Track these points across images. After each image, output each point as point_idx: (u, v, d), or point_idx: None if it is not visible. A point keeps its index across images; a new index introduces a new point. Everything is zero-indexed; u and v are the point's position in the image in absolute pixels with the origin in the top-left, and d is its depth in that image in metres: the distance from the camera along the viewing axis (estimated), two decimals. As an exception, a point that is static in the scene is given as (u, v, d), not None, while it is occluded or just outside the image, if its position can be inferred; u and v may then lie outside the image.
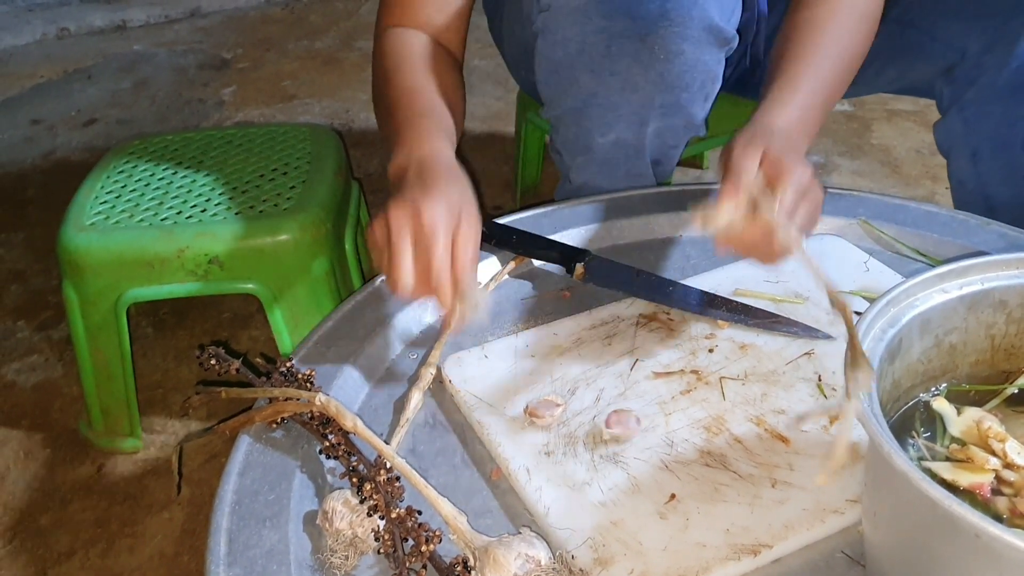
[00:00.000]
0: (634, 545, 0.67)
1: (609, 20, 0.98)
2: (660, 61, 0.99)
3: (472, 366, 0.86)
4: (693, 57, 1.00)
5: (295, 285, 1.18)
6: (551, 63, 1.05)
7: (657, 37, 0.97)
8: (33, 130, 2.35)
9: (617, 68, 1.00)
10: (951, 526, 0.50)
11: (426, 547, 0.67)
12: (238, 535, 0.71)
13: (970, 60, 1.15)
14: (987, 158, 1.18)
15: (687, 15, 0.97)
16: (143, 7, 3.07)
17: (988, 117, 1.15)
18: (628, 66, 1.00)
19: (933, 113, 1.26)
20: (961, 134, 1.20)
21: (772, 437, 0.76)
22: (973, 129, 1.17)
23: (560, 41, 1.02)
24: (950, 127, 1.21)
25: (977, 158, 1.18)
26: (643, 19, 0.97)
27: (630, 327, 0.90)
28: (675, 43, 0.98)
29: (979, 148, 1.18)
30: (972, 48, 1.15)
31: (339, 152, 1.37)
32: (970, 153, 1.19)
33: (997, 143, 1.16)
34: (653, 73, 1.00)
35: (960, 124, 1.19)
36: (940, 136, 1.24)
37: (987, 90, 1.14)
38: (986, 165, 1.18)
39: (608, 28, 0.98)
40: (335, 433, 0.76)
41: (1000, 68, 1.12)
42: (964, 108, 1.18)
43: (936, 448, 0.65)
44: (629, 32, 0.97)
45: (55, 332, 1.58)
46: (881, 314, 0.63)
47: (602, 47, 0.99)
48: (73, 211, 1.21)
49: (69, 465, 1.31)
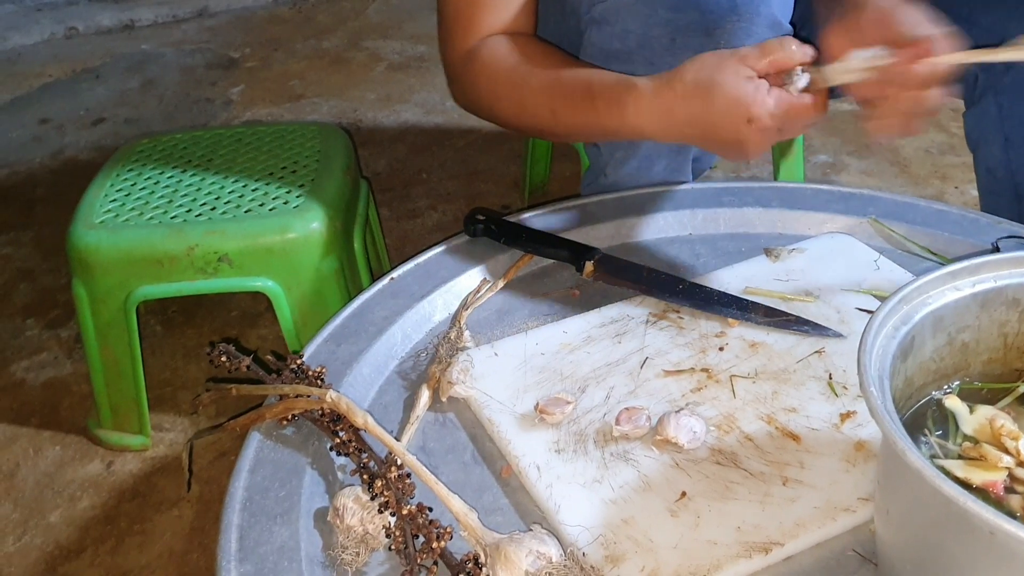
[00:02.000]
0: (645, 543, 0.67)
1: (676, 12, 0.97)
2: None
3: (482, 364, 0.86)
4: None
5: (304, 283, 1.19)
6: (605, 54, 1.04)
7: (724, 32, 0.97)
8: (41, 129, 2.36)
9: (677, 62, 1.00)
10: (965, 523, 0.49)
11: (437, 544, 0.67)
12: (249, 532, 0.71)
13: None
14: (1020, 144, 1.17)
15: (755, 11, 0.96)
16: (151, 7, 3.08)
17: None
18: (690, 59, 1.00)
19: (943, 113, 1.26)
20: (995, 120, 1.19)
21: (783, 435, 0.76)
22: (1008, 115, 1.17)
23: (619, 33, 1.01)
24: (983, 113, 1.21)
25: (1009, 144, 1.18)
26: (712, 13, 0.96)
27: (640, 325, 0.90)
28: (740, 38, 0.97)
29: (1012, 134, 1.17)
30: (1012, 34, 1.15)
31: (348, 150, 1.37)
32: (1003, 139, 1.19)
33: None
34: None
35: (995, 110, 1.19)
36: (971, 124, 1.23)
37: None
38: (1017, 151, 1.17)
39: (674, 20, 0.97)
40: (346, 430, 0.76)
41: None
42: (1000, 94, 1.18)
43: (948, 446, 0.64)
44: (697, 25, 0.97)
45: (64, 330, 1.58)
46: (893, 312, 0.63)
47: (666, 40, 0.98)
48: (82, 209, 1.21)
49: (78, 463, 1.32)
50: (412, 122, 2.33)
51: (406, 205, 1.94)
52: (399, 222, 1.88)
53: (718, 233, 1.07)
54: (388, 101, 2.44)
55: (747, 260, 0.99)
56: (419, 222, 1.88)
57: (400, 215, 1.91)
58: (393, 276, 0.99)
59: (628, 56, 1.02)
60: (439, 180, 2.03)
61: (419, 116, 2.35)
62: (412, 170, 2.09)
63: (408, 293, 0.96)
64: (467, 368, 0.84)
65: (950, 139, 2.10)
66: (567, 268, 1.01)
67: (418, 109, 2.39)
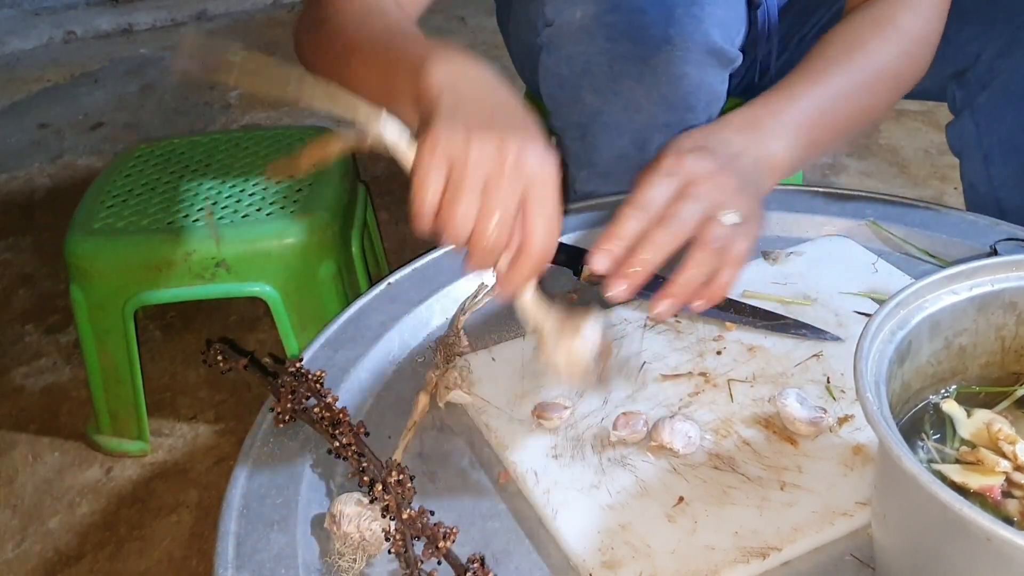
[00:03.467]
0: (642, 548, 0.67)
1: (612, 43, 0.97)
2: (663, 83, 0.98)
3: (479, 369, 0.86)
4: (696, 79, 0.99)
5: (302, 288, 1.19)
6: (556, 78, 1.04)
7: (660, 60, 0.97)
8: (40, 134, 2.36)
9: (620, 88, 1.00)
10: (961, 529, 0.49)
11: (443, 543, 0.67)
12: (246, 539, 0.71)
13: (983, 64, 1.15)
14: (999, 162, 1.17)
15: (689, 38, 0.96)
16: (149, 11, 3.08)
17: (1001, 121, 1.15)
18: (631, 87, 1.00)
19: (942, 113, 1.26)
20: (973, 137, 1.19)
21: (780, 439, 0.76)
22: (985, 132, 1.17)
23: (565, 58, 1.02)
24: (962, 129, 1.20)
25: (989, 161, 1.18)
26: (645, 43, 0.96)
27: (638, 329, 0.90)
28: (678, 66, 0.97)
29: (991, 151, 1.17)
30: (986, 52, 1.14)
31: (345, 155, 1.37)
32: (982, 156, 1.19)
33: (1010, 147, 1.16)
34: (656, 94, 1.00)
35: (972, 127, 1.19)
36: (952, 137, 1.23)
37: (1000, 94, 1.14)
38: (998, 169, 1.17)
39: (611, 50, 0.98)
40: (345, 434, 0.76)
41: (1014, 72, 1.11)
42: (976, 111, 1.17)
43: (946, 450, 0.64)
44: (632, 55, 0.97)
45: (63, 336, 1.58)
46: (890, 316, 0.63)
47: (605, 67, 0.99)
48: (80, 215, 1.21)
49: (77, 468, 1.32)
50: (411, 125, 2.32)
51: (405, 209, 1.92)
52: (398, 226, 1.88)
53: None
54: (387, 104, 2.44)
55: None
56: (418, 225, 1.87)
57: (399, 218, 1.91)
58: (390, 281, 0.99)
59: (575, 81, 1.02)
60: (438, 183, 2.03)
61: (418, 119, 2.35)
62: (411, 173, 2.08)
63: (405, 298, 0.96)
64: (464, 374, 0.84)
65: (949, 140, 2.11)
66: (565, 273, 1.01)
67: (417, 112, 2.39)
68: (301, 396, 0.81)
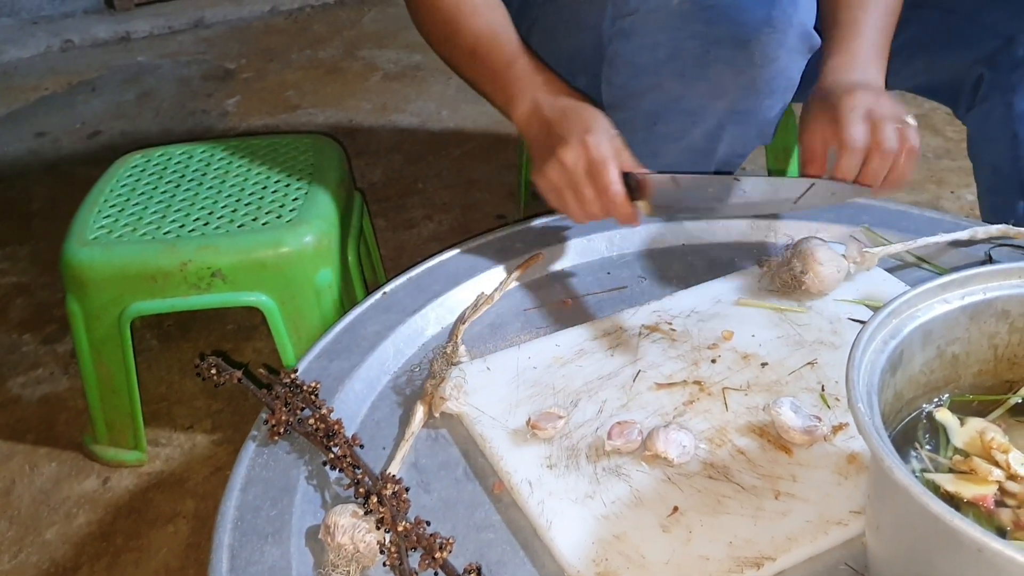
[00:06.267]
0: (636, 558, 0.67)
1: (710, 25, 0.98)
2: (755, 67, 0.99)
3: (475, 379, 0.86)
4: (784, 64, 1.00)
5: (298, 297, 1.18)
6: (632, 67, 1.05)
7: (759, 43, 0.97)
8: (38, 143, 2.36)
9: (708, 73, 1.01)
10: (953, 540, 0.49)
11: (439, 554, 0.67)
12: (240, 551, 0.71)
13: (1019, 43, 1.16)
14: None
15: (788, 22, 0.97)
16: (147, 18, 3.08)
17: None
18: (720, 71, 1.00)
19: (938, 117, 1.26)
20: (1001, 117, 1.20)
21: (775, 448, 0.76)
22: (1016, 111, 1.17)
23: (648, 45, 1.02)
24: (989, 112, 1.21)
25: (1017, 141, 1.18)
26: (746, 25, 0.97)
27: (633, 337, 0.90)
28: (773, 49, 0.98)
29: (1021, 131, 1.18)
30: (1015, 32, 1.16)
31: (341, 162, 1.37)
32: (1010, 136, 1.20)
33: None
34: (744, 78, 1.00)
35: (1002, 107, 1.20)
36: (975, 124, 1.24)
37: None
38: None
39: (707, 33, 0.98)
40: (340, 445, 0.76)
41: None
42: (1008, 91, 1.18)
43: (939, 459, 0.64)
44: (730, 37, 0.98)
45: (60, 345, 1.58)
46: (882, 326, 0.63)
47: (698, 51, 0.99)
48: (76, 226, 1.21)
49: (74, 479, 1.31)
50: (408, 132, 2.33)
51: (402, 215, 1.94)
52: (395, 232, 1.88)
53: (711, 243, 1.07)
54: (384, 111, 2.44)
55: (740, 271, 0.99)
56: (415, 232, 1.87)
57: (396, 225, 1.91)
58: (386, 290, 0.99)
59: (656, 68, 1.03)
60: (435, 190, 2.03)
61: (415, 125, 2.36)
62: (408, 180, 2.09)
63: (401, 307, 0.96)
64: (460, 383, 0.84)
65: (946, 143, 2.10)
66: (559, 279, 1.01)
67: (414, 119, 2.39)
68: (296, 408, 0.81)
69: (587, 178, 0.91)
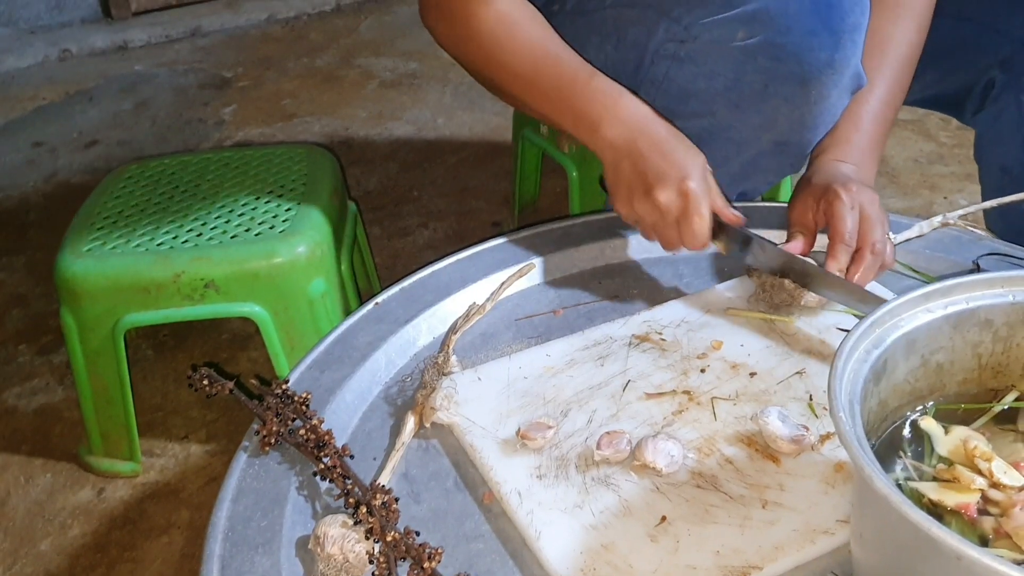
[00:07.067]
0: (624, 568, 0.67)
1: (776, 62, 0.99)
2: (809, 104, 1.01)
3: (465, 389, 0.86)
4: (834, 102, 1.02)
5: (291, 307, 1.19)
6: (684, 91, 1.06)
7: (818, 83, 0.99)
8: (35, 152, 2.36)
9: (764, 107, 1.03)
10: (933, 549, 0.50)
11: (428, 564, 0.67)
12: (231, 562, 0.71)
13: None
14: None
15: (846, 64, 0.99)
16: (144, 27, 3.09)
17: None
18: (776, 106, 1.03)
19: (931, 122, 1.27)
20: (1014, 119, 1.22)
21: (763, 457, 0.76)
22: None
23: (705, 73, 1.04)
24: (1000, 112, 1.23)
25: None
26: (812, 65, 0.99)
27: (623, 347, 0.90)
28: (828, 88, 1.00)
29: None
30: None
31: (335, 172, 1.37)
32: (1022, 136, 1.21)
33: None
34: (796, 114, 1.03)
35: (1015, 108, 1.22)
36: (984, 125, 1.25)
37: None
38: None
39: (772, 70, 1.00)
40: (330, 455, 0.77)
41: None
42: (1021, 92, 1.20)
43: (923, 468, 0.65)
44: (794, 76, 1.00)
45: (56, 356, 1.58)
46: (865, 335, 0.63)
47: (759, 85, 1.02)
48: (70, 237, 1.22)
49: (69, 490, 1.32)
50: (403, 140, 2.34)
51: (397, 223, 1.94)
52: (390, 240, 1.89)
53: (702, 253, 1.08)
54: (380, 119, 2.45)
55: (730, 280, 1.00)
56: (410, 240, 1.88)
57: (391, 233, 1.91)
58: (378, 301, 0.99)
59: (711, 97, 1.05)
60: (430, 198, 2.04)
61: (411, 133, 2.36)
62: (403, 188, 2.09)
63: (393, 318, 0.97)
64: (451, 394, 0.85)
65: (939, 148, 2.11)
66: (550, 288, 1.01)
67: (409, 127, 2.40)
68: (287, 418, 0.81)
69: (676, 223, 0.92)
